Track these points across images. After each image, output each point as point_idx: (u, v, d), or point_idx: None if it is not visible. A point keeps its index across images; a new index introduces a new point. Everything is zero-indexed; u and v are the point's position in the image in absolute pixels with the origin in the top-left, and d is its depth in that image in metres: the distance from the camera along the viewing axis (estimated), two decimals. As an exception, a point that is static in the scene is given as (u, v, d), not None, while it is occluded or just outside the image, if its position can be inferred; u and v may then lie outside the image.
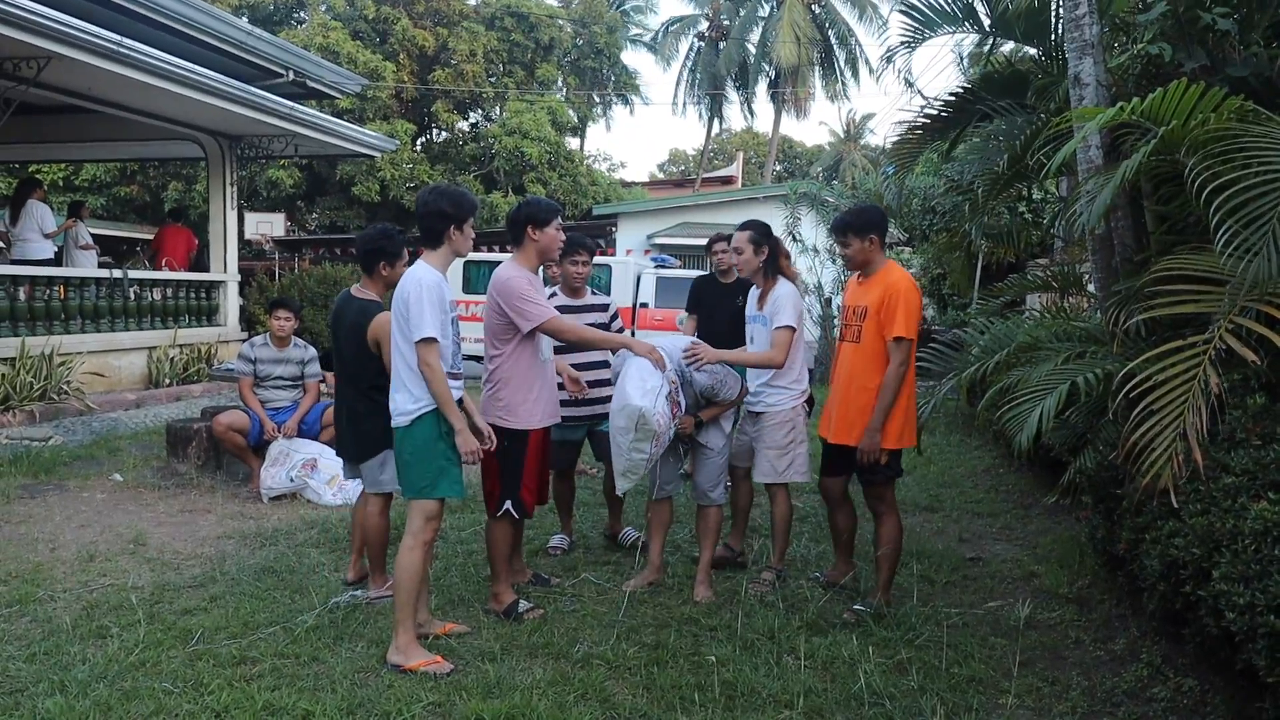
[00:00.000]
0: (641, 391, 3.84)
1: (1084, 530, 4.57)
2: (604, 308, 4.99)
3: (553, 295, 4.92)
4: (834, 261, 12.32)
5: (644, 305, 12.99)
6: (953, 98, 5.74)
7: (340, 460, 5.94)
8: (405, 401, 3.47)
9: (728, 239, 5.30)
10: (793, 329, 4.20)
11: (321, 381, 6.52)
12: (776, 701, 3.15)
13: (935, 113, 5.77)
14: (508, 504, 3.93)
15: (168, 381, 9.60)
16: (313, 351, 6.47)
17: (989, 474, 6.93)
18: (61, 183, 22.05)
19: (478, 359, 4.07)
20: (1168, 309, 3.22)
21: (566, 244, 4.82)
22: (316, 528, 5.27)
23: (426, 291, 3.40)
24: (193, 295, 10.70)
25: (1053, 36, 5.31)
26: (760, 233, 4.38)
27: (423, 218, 3.55)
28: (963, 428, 8.60)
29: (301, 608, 3.93)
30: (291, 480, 5.89)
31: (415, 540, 3.48)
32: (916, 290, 3.93)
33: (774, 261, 4.36)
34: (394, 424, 3.53)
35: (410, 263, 3.75)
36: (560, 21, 26.43)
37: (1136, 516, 3.36)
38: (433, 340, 3.38)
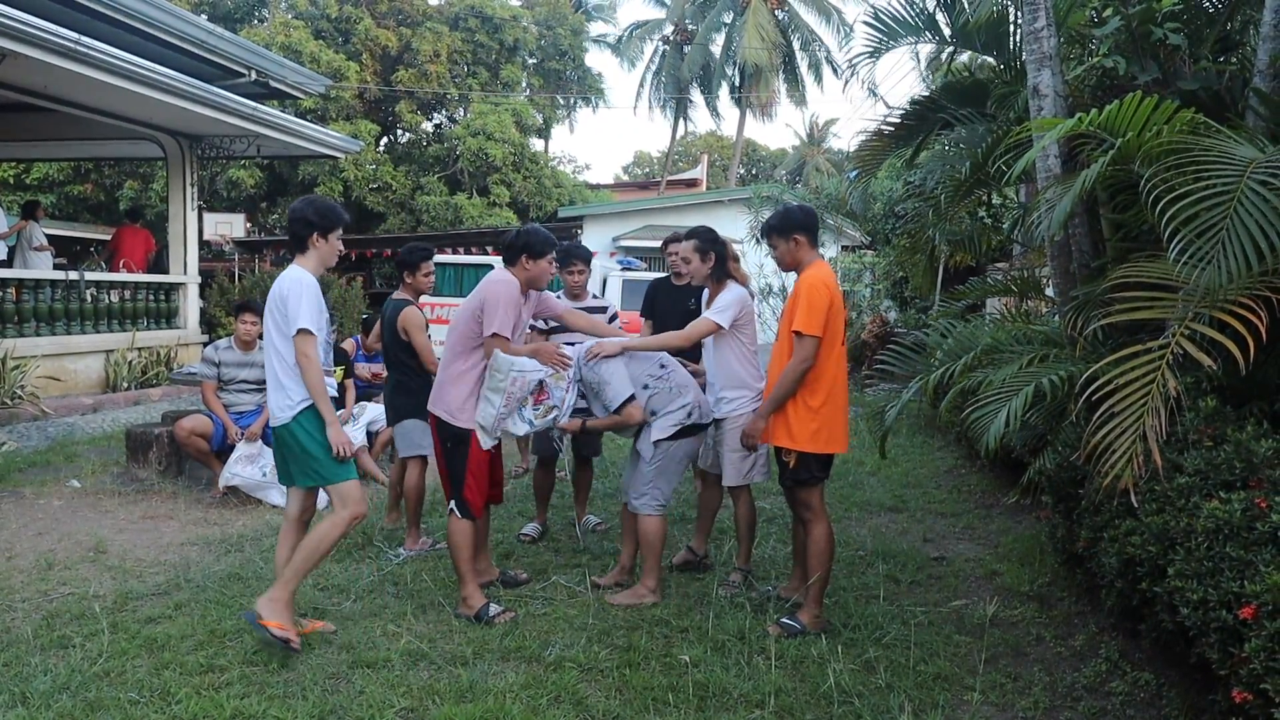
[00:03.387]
0: (524, 362, 3.96)
1: (1044, 529, 4.70)
2: (604, 309, 5.24)
3: (558, 298, 5.06)
4: None
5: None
6: (916, 106, 5.87)
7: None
8: (282, 399, 3.60)
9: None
10: (717, 325, 4.19)
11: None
12: (748, 701, 3.19)
13: (899, 120, 5.89)
14: (451, 504, 4.03)
15: (126, 385, 9.40)
16: (277, 355, 6.40)
17: (951, 474, 7.06)
18: (12, 180, 21.49)
19: None
20: (1125, 315, 3.31)
21: (564, 254, 5.09)
22: (283, 533, 5.21)
23: (305, 289, 3.57)
24: (151, 297, 10.50)
25: (1011, 47, 5.45)
26: (705, 240, 4.38)
27: (290, 224, 3.73)
28: (925, 429, 8.75)
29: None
30: (264, 475, 5.83)
31: (340, 519, 3.62)
32: (824, 286, 3.80)
33: (722, 266, 4.38)
34: (273, 424, 3.67)
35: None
36: (525, 23, 26.34)
37: (1095, 516, 3.46)
38: (309, 332, 3.52)
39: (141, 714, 3.02)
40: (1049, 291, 5.51)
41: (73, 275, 9.40)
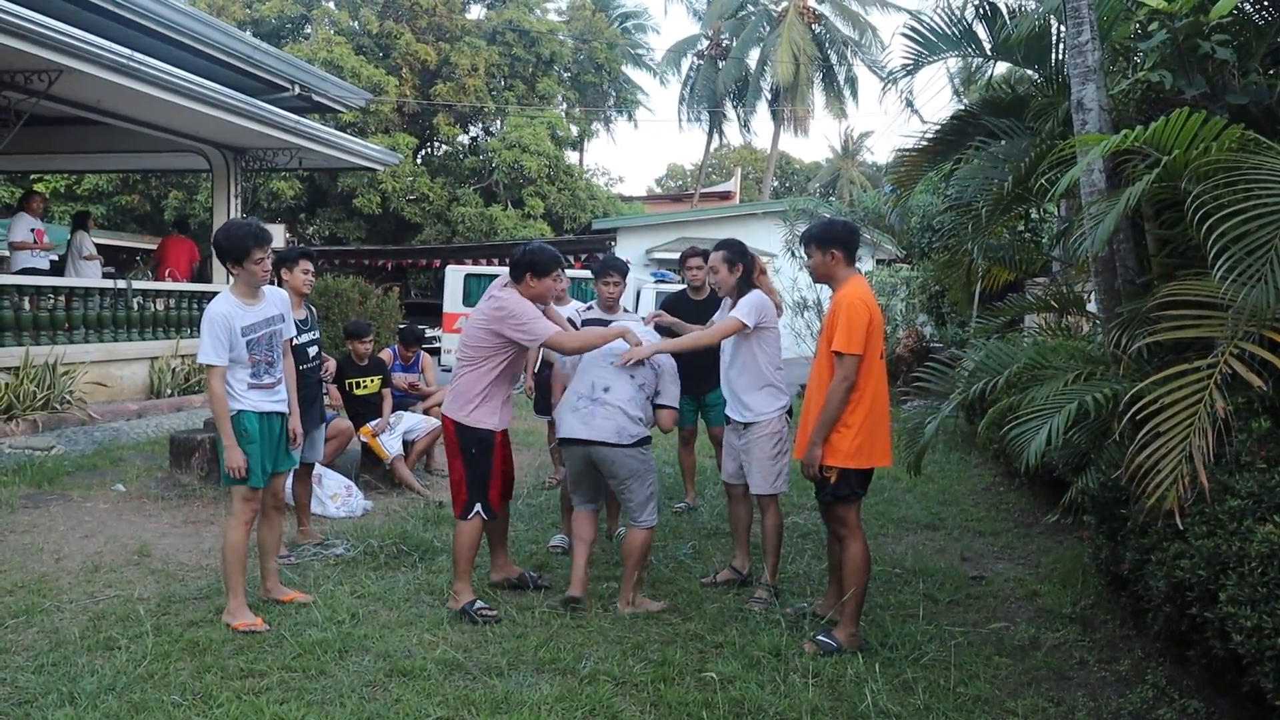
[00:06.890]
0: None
1: (1086, 550, 4.60)
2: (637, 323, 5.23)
3: (590, 309, 5.10)
4: None
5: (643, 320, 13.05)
6: (954, 120, 5.81)
7: (341, 478, 6.10)
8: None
9: (702, 255, 5.41)
10: (742, 323, 4.27)
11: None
12: None
13: (937, 135, 5.84)
14: (477, 507, 4.13)
15: (169, 392, 9.59)
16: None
17: (989, 492, 6.96)
18: (63, 191, 22.09)
19: None
20: (1171, 333, 3.26)
21: (600, 266, 5.17)
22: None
23: (208, 322, 3.86)
24: (195, 306, 10.69)
25: (1053, 61, 5.38)
26: (734, 251, 4.48)
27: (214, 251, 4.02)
28: (962, 445, 8.63)
29: (308, 621, 3.94)
30: None
31: (236, 520, 3.98)
32: (863, 304, 3.79)
33: (748, 278, 4.46)
34: None
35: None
36: (561, 37, 26.60)
37: (1141, 537, 3.39)
38: (210, 366, 3.84)
39: (184, 716, 3.07)
40: (1091, 307, 5.42)
41: (120, 284, 9.62)
